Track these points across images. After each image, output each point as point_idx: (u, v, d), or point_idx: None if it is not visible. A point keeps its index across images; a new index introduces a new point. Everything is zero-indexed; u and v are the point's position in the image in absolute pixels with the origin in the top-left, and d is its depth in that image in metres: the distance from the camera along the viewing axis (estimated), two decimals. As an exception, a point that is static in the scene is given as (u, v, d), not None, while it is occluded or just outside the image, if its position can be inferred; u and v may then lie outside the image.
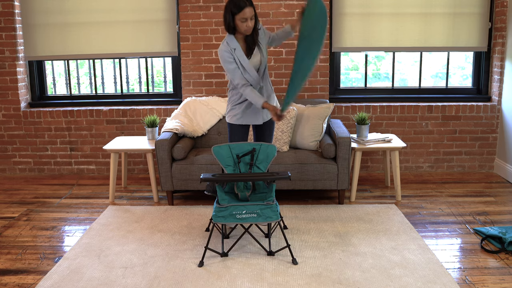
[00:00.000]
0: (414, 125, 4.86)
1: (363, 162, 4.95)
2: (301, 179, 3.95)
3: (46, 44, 4.88)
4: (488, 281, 2.78)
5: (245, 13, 3.13)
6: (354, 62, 5.44)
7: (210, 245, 3.28)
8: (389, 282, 2.77)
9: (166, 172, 3.98)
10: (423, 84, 5.05)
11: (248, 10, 3.13)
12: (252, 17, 3.17)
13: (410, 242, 3.28)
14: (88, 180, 4.86)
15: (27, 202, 4.25)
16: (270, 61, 4.75)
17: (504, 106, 4.71)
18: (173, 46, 4.81)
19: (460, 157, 4.93)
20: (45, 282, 2.83)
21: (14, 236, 3.52)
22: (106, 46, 4.85)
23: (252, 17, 3.18)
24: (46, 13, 4.81)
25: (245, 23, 3.17)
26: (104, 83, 5.14)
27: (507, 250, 3.13)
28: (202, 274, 2.89)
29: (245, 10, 3.12)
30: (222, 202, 3.04)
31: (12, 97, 4.90)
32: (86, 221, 3.79)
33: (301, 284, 2.77)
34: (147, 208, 4.01)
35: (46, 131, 4.97)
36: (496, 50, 4.73)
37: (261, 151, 3.23)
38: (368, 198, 4.22)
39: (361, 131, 4.22)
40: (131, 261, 3.08)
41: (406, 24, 4.74)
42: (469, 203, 4.04)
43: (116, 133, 4.94)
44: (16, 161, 5.05)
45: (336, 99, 4.91)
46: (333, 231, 3.49)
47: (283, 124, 4.14)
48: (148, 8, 4.76)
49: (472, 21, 4.75)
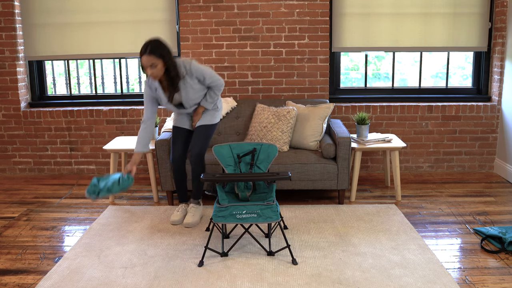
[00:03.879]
0: (414, 125, 4.86)
1: (363, 162, 4.95)
2: (301, 179, 3.95)
3: (46, 44, 4.88)
4: (488, 281, 2.78)
5: (143, 61, 3.23)
6: (354, 62, 5.44)
7: (210, 245, 3.28)
8: (389, 282, 2.77)
9: (166, 172, 3.98)
10: (423, 84, 5.05)
11: (146, 59, 3.20)
12: (153, 65, 3.23)
13: (410, 242, 3.28)
14: (88, 180, 4.86)
15: (27, 202, 4.25)
16: (270, 61, 4.75)
17: (504, 106, 4.71)
18: (173, 46, 4.81)
19: (460, 157, 4.93)
20: (45, 282, 2.83)
21: (14, 236, 3.52)
22: (106, 46, 4.85)
23: (154, 65, 3.23)
24: (46, 13, 4.81)
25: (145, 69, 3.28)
26: (104, 83, 5.14)
27: (507, 250, 3.13)
28: (202, 274, 2.89)
29: (143, 58, 3.22)
30: (223, 202, 3.04)
31: (12, 97, 4.89)
32: (86, 221, 3.79)
33: (301, 284, 2.77)
34: (147, 208, 4.01)
35: (46, 131, 4.97)
36: (496, 50, 4.73)
37: (261, 151, 3.23)
38: (368, 198, 4.22)
39: (361, 131, 4.22)
40: (131, 261, 3.08)
41: (406, 24, 4.75)
42: (469, 203, 4.04)
43: (116, 133, 4.94)
44: (16, 161, 5.05)
45: (336, 99, 4.91)
46: (333, 231, 3.49)
47: (283, 124, 4.14)
48: (148, 8, 4.76)
49: (472, 21, 4.75)
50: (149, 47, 3.23)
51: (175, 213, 3.69)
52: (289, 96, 4.82)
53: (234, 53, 4.75)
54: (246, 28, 4.70)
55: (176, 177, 3.74)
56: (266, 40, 4.72)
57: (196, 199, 3.73)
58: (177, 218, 3.64)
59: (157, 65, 3.25)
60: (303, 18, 4.67)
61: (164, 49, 3.28)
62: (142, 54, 3.23)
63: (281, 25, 4.69)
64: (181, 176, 3.73)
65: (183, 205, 3.77)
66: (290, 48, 4.73)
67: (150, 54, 3.21)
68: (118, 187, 3.22)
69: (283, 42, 4.72)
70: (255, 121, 4.29)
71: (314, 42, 4.72)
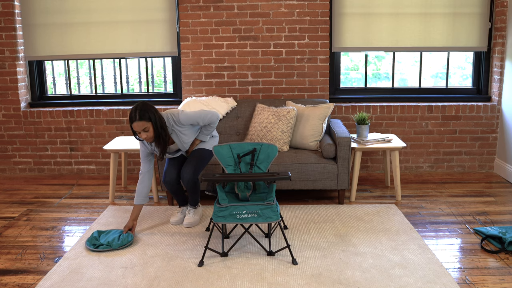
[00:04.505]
0: (414, 125, 4.86)
1: (363, 162, 4.95)
2: (301, 179, 3.95)
3: (46, 44, 4.88)
4: (488, 281, 2.78)
5: (135, 127, 3.25)
6: (354, 62, 5.43)
7: (210, 245, 3.28)
8: (389, 282, 2.77)
9: (166, 172, 3.98)
10: (423, 84, 5.05)
11: (138, 124, 3.23)
12: (145, 129, 3.25)
13: (410, 242, 3.28)
14: (88, 180, 4.86)
15: (27, 202, 4.25)
16: (270, 61, 4.75)
17: (504, 106, 4.71)
18: (173, 46, 4.81)
19: (460, 157, 4.93)
20: (45, 282, 2.83)
21: (14, 236, 3.52)
22: (106, 46, 4.85)
23: (147, 129, 3.25)
24: (46, 13, 4.81)
25: (138, 134, 3.30)
26: (104, 83, 5.14)
27: (507, 250, 3.13)
28: (202, 274, 2.89)
29: (134, 124, 3.24)
30: (223, 202, 3.04)
31: (12, 97, 4.89)
32: (86, 221, 3.79)
33: (301, 284, 2.77)
34: (147, 208, 4.01)
35: (46, 131, 4.97)
36: (496, 50, 4.73)
37: (261, 151, 3.23)
38: (368, 198, 4.22)
39: (361, 131, 4.22)
40: (131, 261, 3.08)
41: (406, 24, 4.75)
42: (469, 203, 4.04)
43: (116, 133, 4.94)
44: (16, 161, 5.05)
45: (336, 99, 4.91)
46: (333, 231, 3.49)
47: (283, 124, 4.14)
48: (148, 8, 4.76)
49: (472, 21, 4.75)
50: (138, 112, 3.22)
51: (174, 214, 3.69)
52: (289, 96, 4.82)
53: (234, 53, 4.75)
54: (246, 28, 4.70)
55: (171, 191, 3.68)
56: (266, 40, 4.72)
57: (194, 205, 3.71)
58: (176, 219, 3.64)
59: (148, 128, 3.26)
60: (303, 18, 4.67)
61: (151, 111, 3.26)
62: (133, 121, 3.23)
63: (281, 25, 4.69)
64: (175, 190, 3.66)
65: (182, 207, 3.77)
66: (290, 48, 4.73)
67: (140, 120, 3.22)
68: (118, 243, 3.25)
69: (283, 42, 4.72)
70: (255, 121, 4.29)
71: (314, 42, 4.72)
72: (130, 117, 3.24)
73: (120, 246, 3.24)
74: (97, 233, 3.36)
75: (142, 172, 3.56)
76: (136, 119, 3.22)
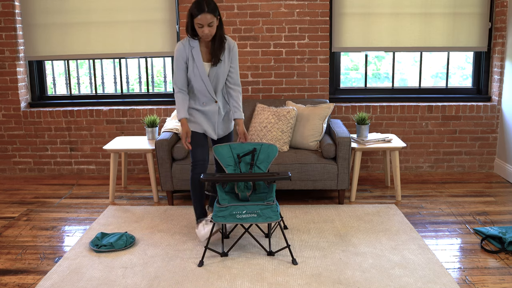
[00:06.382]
0: (414, 125, 4.86)
1: (363, 162, 4.95)
2: (301, 179, 3.95)
3: (46, 44, 4.88)
4: (488, 281, 2.78)
5: (202, 19, 3.02)
6: (354, 62, 5.43)
7: (210, 245, 3.28)
8: (389, 282, 2.77)
9: (166, 172, 3.98)
10: (423, 84, 5.05)
11: (206, 17, 3.01)
12: (210, 24, 3.04)
13: (410, 242, 3.28)
14: (88, 180, 4.86)
15: (27, 202, 4.25)
16: (270, 61, 4.75)
17: (504, 106, 4.71)
18: (173, 46, 4.81)
19: (460, 157, 4.93)
20: (45, 282, 2.83)
21: (14, 236, 3.52)
22: (106, 46, 4.85)
23: (211, 24, 3.04)
24: (46, 13, 4.81)
25: (201, 28, 3.06)
26: (104, 83, 5.14)
27: (507, 250, 3.13)
28: (202, 274, 2.89)
29: (202, 16, 3.01)
30: (223, 202, 3.04)
31: (12, 97, 4.90)
32: (86, 221, 3.79)
33: (301, 284, 2.77)
34: (147, 208, 4.01)
35: (46, 131, 4.97)
36: (496, 50, 4.73)
37: (261, 151, 3.23)
38: (368, 198, 4.22)
39: (361, 131, 4.22)
40: (131, 261, 3.08)
41: (406, 24, 4.75)
42: (469, 203, 4.04)
43: (116, 133, 4.94)
44: (16, 161, 5.05)
45: (336, 99, 4.91)
46: (333, 231, 3.49)
47: (283, 124, 4.14)
48: (148, 8, 4.76)
49: (472, 21, 4.75)
50: (207, 4, 3.01)
51: (205, 228, 3.23)
52: (289, 96, 4.82)
53: (234, 53, 4.74)
54: (246, 28, 4.70)
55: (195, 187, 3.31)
56: (266, 40, 4.72)
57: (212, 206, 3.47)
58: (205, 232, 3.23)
59: (213, 24, 3.06)
60: (303, 18, 4.67)
61: (217, 7, 3.09)
62: (202, 11, 2.99)
63: (281, 25, 4.69)
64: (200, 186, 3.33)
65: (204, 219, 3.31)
66: (290, 48, 4.73)
67: (210, 12, 3.01)
68: (120, 244, 3.25)
69: (283, 42, 4.72)
70: (255, 121, 4.29)
71: (314, 42, 4.72)
72: (198, 7, 2.99)
73: (124, 246, 3.24)
74: (100, 235, 3.36)
75: (180, 88, 3.22)
76: (206, 11, 3.00)
